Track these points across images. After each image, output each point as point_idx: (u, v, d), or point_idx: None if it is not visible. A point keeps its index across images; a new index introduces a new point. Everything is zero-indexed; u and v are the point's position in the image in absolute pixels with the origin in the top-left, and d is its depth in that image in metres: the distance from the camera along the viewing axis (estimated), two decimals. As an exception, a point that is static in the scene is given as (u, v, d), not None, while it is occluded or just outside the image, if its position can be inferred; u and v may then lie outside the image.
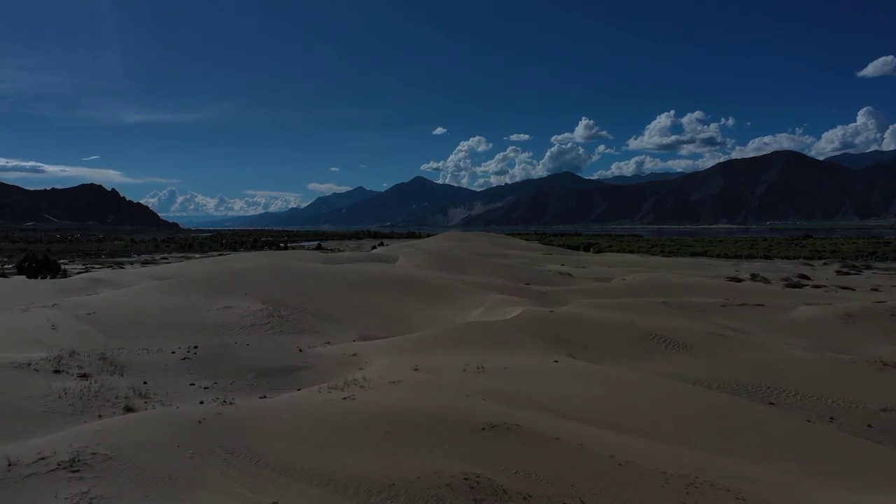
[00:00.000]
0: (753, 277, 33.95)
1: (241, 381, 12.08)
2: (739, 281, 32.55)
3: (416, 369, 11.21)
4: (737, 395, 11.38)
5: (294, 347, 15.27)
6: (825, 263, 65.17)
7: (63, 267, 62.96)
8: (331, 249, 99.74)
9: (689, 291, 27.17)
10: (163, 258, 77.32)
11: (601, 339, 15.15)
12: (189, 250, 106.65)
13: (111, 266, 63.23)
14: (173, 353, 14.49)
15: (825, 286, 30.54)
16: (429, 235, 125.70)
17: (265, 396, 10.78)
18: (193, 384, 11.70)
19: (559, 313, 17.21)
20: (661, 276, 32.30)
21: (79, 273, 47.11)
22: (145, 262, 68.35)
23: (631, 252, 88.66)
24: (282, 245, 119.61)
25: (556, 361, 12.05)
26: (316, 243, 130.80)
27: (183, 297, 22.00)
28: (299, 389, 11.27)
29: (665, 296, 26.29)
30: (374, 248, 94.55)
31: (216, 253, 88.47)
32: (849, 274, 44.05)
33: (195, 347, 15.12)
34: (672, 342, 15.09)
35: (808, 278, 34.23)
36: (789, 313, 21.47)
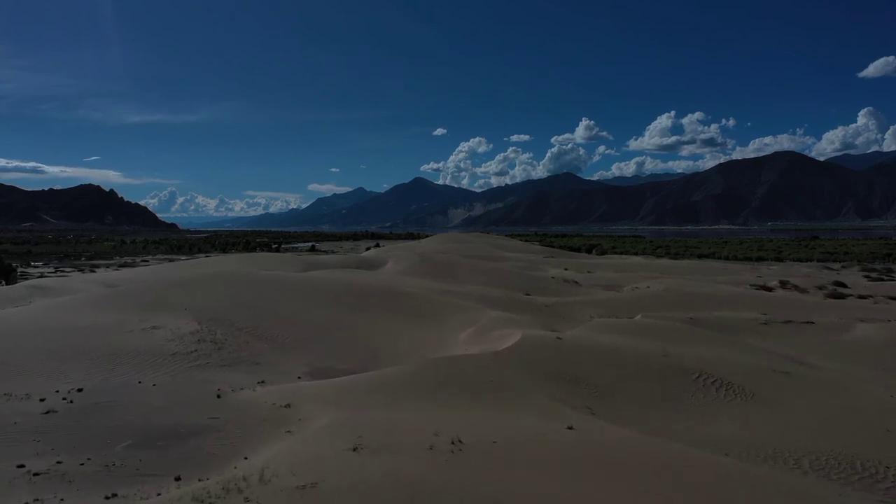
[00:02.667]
0: (784, 285, 29.99)
1: (101, 456, 8.14)
2: (769, 290, 28.57)
3: (355, 448, 7.23)
4: (849, 485, 7.42)
5: (213, 390, 11.32)
6: (843, 266, 61.43)
7: (32, 270, 59.07)
8: (324, 251, 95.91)
9: (717, 303, 23.22)
10: (143, 261, 73.32)
11: (628, 379, 11.21)
12: (178, 252, 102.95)
13: (82, 269, 59.24)
14: (42, 400, 10.56)
15: (871, 296, 26.61)
16: (427, 236, 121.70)
17: (115, 495, 6.90)
18: (23, 465, 7.77)
19: (569, 340, 13.25)
20: (680, 284, 28.32)
21: (41, 277, 43.15)
22: (122, 265, 64.41)
23: (635, 254, 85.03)
24: (274, 247, 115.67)
25: (570, 428, 8.10)
26: (310, 245, 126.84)
27: (110, 313, 18.08)
28: (178, 478, 7.36)
29: (689, 309, 22.34)
30: (368, 249, 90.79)
31: (203, 255, 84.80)
32: (880, 280, 40.06)
33: (79, 390, 11.19)
34: (723, 384, 11.15)
35: (845, 286, 30.29)
36: (847, 334, 17.54)
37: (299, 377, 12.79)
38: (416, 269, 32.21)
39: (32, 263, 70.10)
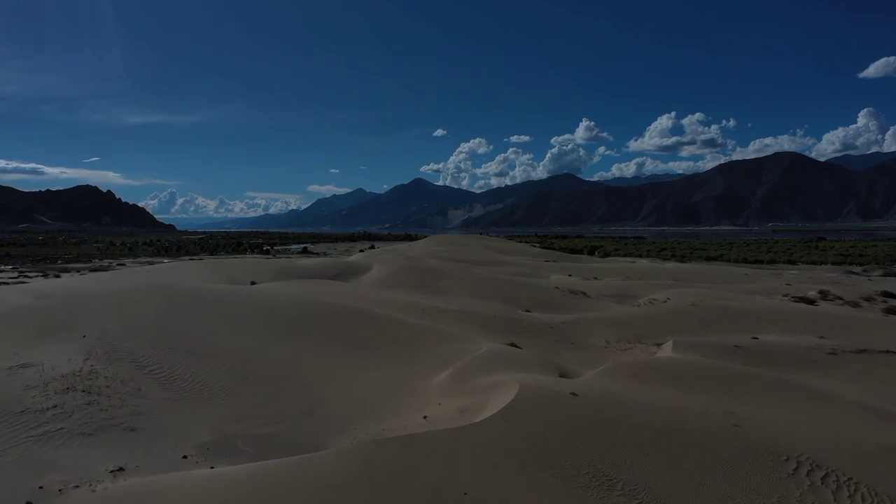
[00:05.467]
0: (825, 296, 25.82)
1: None
2: (811, 302, 24.38)
3: None
4: None
5: (33, 488, 7.24)
6: (865, 270, 57.50)
7: (-8, 275, 54.88)
8: (316, 254, 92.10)
9: (758, 323, 19.04)
10: (119, 264, 69.17)
11: (689, 473, 7.05)
12: (164, 254, 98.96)
13: (46, 274, 55.14)
14: None
15: (937, 311, 22.44)
16: (425, 238, 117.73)
17: None
18: None
19: (588, 396, 9.06)
20: (705, 296, 24.12)
21: (-9, 284, 39.05)
22: (94, 269, 60.30)
23: (639, 256, 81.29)
24: (266, 248, 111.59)
25: None
26: (303, 247, 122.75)
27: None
28: None
29: (727, 330, 18.18)
30: (361, 251, 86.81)
31: (188, 257, 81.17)
32: (921, 287, 35.86)
33: None
34: (840, 483, 6.98)
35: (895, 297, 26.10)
36: (946, 369, 13.37)
37: (185, 456, 8.58)
38: (399, 278, 27.98)
39: (3, 267, 66.04)
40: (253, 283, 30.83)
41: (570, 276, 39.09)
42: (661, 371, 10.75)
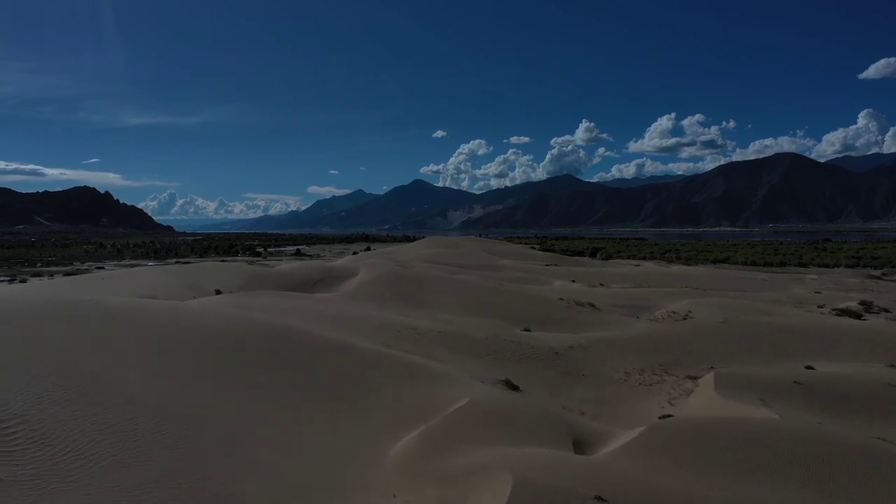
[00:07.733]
0: (868, 307, 22.54)
1: None
2: (858, 316, 21.08)
3: None
4: None
5: None
6: (884, 274, 54.42)
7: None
8: (308, 255, 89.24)
9: (804, 343, 15.72)
10: (98, 267, 65.91)
11: None
12: (154, 257, 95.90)
13: (13, 278, 51.85)
14: None
15: None
16: (423, 238, 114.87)
17: None
18: None
19: (623, 499, 5.78)
20: (734, 309, 20.79)
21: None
22: (69, 273, 57.05)
23: (644, 259, 78.35)
24: (259, 251, 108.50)
25: None
26: (296, 248, 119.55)
27: None
28: None
29: (767, 351, 14.87)
30: (355, 252, 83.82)
31: (174, 260, 78.08)
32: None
33: None
34: None
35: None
36: None
37: None
38: (380, 289, 24.57)
39: (-26, 270, 62.76)
40: (218, 291, 27.55)
41: (573, 282, 35.76)
42: (725, 442, 7.34)
